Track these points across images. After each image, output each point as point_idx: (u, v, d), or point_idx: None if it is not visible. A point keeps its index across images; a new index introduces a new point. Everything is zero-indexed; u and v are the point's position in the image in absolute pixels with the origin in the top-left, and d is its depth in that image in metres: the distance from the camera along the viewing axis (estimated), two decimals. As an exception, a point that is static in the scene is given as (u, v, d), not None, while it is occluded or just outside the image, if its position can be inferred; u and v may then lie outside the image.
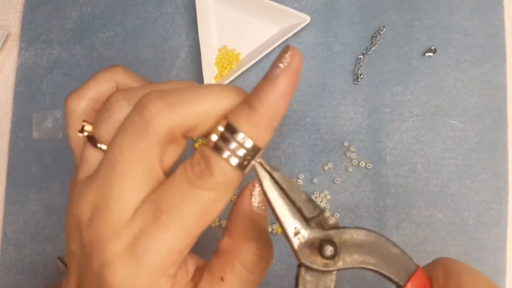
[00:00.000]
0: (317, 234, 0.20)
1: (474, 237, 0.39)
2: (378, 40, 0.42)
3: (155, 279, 0.20)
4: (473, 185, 0.40)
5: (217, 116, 0.20)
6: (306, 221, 0.20)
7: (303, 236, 0.20)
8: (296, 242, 0.20)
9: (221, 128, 0.20)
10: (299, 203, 0.20)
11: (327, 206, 0.40)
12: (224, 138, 0.19)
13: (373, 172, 0.40)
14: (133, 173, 0.20)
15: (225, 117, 0.20)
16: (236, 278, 0.21)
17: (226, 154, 0.19)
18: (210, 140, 0.20)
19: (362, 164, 0.40)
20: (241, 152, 0.19)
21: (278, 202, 0.20)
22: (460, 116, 0.41)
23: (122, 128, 0.20)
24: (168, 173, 0.21)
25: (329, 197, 0.40)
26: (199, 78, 0.42)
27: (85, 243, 0.20)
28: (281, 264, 0.40)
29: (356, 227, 0.21)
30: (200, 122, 0.20)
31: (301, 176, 0.41)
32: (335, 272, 0.20)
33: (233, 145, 0.19)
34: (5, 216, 0.43)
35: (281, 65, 0.20)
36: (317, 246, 0.20)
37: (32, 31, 0.46)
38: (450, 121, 0.41)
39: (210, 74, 0.42)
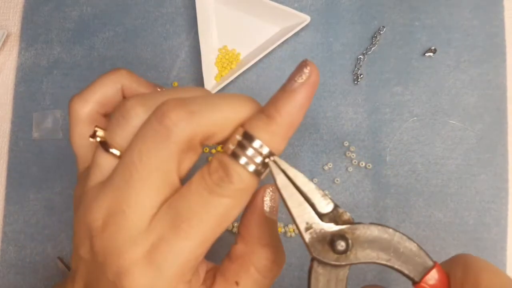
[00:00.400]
0: (329, 229, 0.21)
1: (474, 237, 0.39)
2: (378, 40, 0.42)
3: (173, 286, 0.20)
4: (473, 185, 0.40)
5: (233, 125, 0.21)
6: (320, 216, 0.21)
7: (314, 231, 0.21)
8: (307, 237, 0.21)
9: (238, 137, 0.20)
10: (313, 199, 0.21)
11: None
12: (242, 146, 0.20)
13: (373, 172, 0.40)
14: (151, 180, 0.20)
15: (242, 125, 0.21)
16: (250, 283, 0.22)
17: (243, 160, 0.20)
18: (228, 147, 0.20)
19: (362, 164, 0.40)
20: (258, 159, 0.20)
21: (291, 198, 0.21)
22: (460, 116, 0.41)
23: (141, 135, 0.20)
24: (183, 180, 0.22)
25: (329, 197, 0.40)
26: (199, 78, 0.42)
27: (98, 250, 0.20)
28: (281, 264, 0.40)
29: (371, 223, 0.21)
30: (218, 130, 0.20)
31: (301, 176, 0.41)
32: (348, 267, 0.21)
33: (250, 152, 0.20)
34: (5, 216, 0.43)
35: (299, 79, 0.21)
36: (328, 241, 0.21)
37: (32, 31, 0.46)
38: (450, 121, 0.41)
39: (210, 74, 0.42)
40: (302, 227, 0.21)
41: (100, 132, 0.22)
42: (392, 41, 0.42)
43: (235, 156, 0.20)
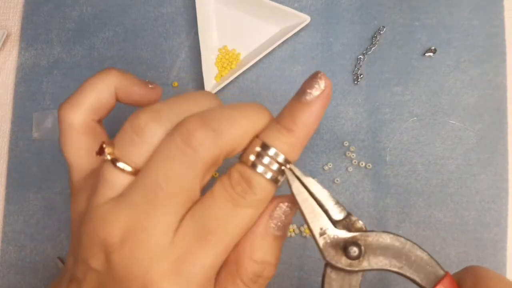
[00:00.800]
0: (342, 235, 0.21)
1: (474, 237, 0.39)
2: (378, 40, 0.42)
3: None
4: (473, 185, 0.40)
5: (251, 136, 0.21)
6: (333, 223, 0.22)
7: (328, 236, 0.21)
8: (321, 242, 0.21)
9: (258, 148, 0.21)
10: (327, 206, 0.22)
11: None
12: (261, 156, 0.21)
13: (373, 172, 0.40)
14: (176, 199, 0.20)
15: (257, 136, 0.21)
16: None
17: (262, 169, 0.21)
18: (248, 159, 0.21)
19: (362, 164, 0.40)
20: (275, 166, 0.21)
21: (306, 204, 0.22)
22: (460, 116, 0.41)
23: (165, 155, 0.20)
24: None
25: (329, 197, 0.40)
26: (199, 78, 0.42)
27: (117, 265, 0.20)
28: (281, 264, 0.40)
29: (383, 231, 0.22)
30: (238, 144, 0.21)
31: (301, 176, 0.41)
32: (361, 273, 0.21)
33: (268, 161, 0.21)
34: (5, 216, 0.43)
35: (314, 91, 0.21)
36: (342, 247, 0.21)
37: (32, 31, 0.46)
38: (450, 121, 0.41)
39: (210, 74, 0.42)
40: (316, 232, 0.21)
41: (109, 149, 0.21)
42: (392, 41, 0.42)
43: (254, 166, 0.21)
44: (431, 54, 0.41)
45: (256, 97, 0.42)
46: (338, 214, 0.22)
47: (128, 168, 0.21)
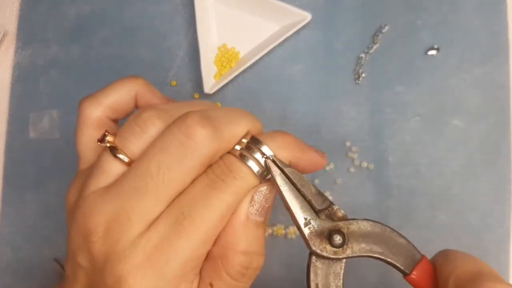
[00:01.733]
0: (326, 224, 0.22)
1: (477, 238, 0.39)
2: (380, 39, 0.41)
3: (176, 286, 0.20)
4: (476, 186, 0.39)
5: (242, 136, 0.22)
6: (316, 213, 0.22)
7: (313, 226, 0.22)
8: (306, 231, 0.22)
9: (245, 140, 0.22)
10: (309, 196, 0.22)
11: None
12: (248, 148, 0.21)
13: (375, 173, 0.40)
14: (165, 191, 0.20)
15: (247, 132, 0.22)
16: (223, 285, 0.21)
17: (248, 161, 0.21)
18: (235, 149, 0.21)
19: (364, 164, 0.40)
20: (260, 158, 0.21)
21: (290, 195, 0.22)
22: (463, 116, 0.40)
23: (162, 145, 0.20)
24: None
25: (330, 197, 0.40)
26: (198, 77, 0.41)
27: (98, 256, 0.20)
28: (281, 266, 0.39)
29: (363, 219, 0.22)
30: (235, 143, 0.22)
31: (301, 176, 0.40)
32: (344, 260, 0.22)
33: (255, 154, 0.21)
34: (1, 217, 0.43)
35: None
36: (326, 235, 0.22)
37: (29, 30, 0.46)
38: (453, 121, 0.40)
39: (209, 73, 0.41)
40: (301, 222, 0.22)
41: (110, 138, 0.22)
42: (394, 39, 0.41)
43: (241, 156, 0.21)
44: (433, 52, 0.41)
45: (256, 96, 0.42)
46: (320, 204, 0.22)
47: (125, 158, 0.21)
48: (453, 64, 0.41)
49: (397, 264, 0.22)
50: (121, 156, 0.21)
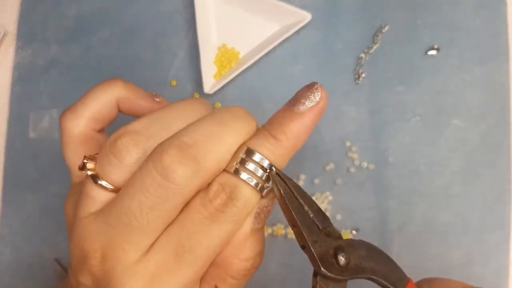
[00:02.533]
0: (330, 243, 0.21)
1: (477, 239, 0.39)
2: (380, 39, 0.41)
3: None
4: (476, 187, 0.39)
5: (235, 150, 0.20)
6: (320, 230, 0.21)
7: (319, 245, 0.21)
8: (315, 251, 0.21)
9: (242, 154, 0.20)
10: (312, 213, 0.21)
11: (329, 207, 0.40)
12: (244, 162, 0.20)
13: (375, 173, 0.40)
14: (152, 227, 0.20)
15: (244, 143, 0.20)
16: (228, 287, 0.22)
17: (246, 177, 0.20)
18: (231, 166, 0.20)
19: (364, 164, 0.40)
20: (260, 173, 0.20)
21: (296, 212, 0.21)
22: (463, 116, 0.40)
23: (141, 184, 0.19)
24: None
25: (330, 198, 0.40)
26: (198, 77, 0.41)
27: (99, 277, 0.20)
28: (282, 267, 0.39)
29: (359, 240, 0.22)
30: (224, 163, 0.20)
31: (302, 176, 0.40)
32: (346, 282, 0.21)
33: (252, 167, 0.20)
34: (1, 218, 0.43)
35: (308, 102, 0.21)
36: (332, 255, 0.21)
37: (29, 30, 0.46)
38: (453, 121, 0.40)
39: (209, 73, 0.41)
40: (309, 241, 0.21)
41: (90, 165, 0.21)
42: (395, 39, 0.41)
43: (238, 173, 0.20)
44: (434, 52, 0.41)
45: (256, 96, 0.42)
46: (322, 222, 0.21)
47: (109, 186, 0.20)
48: (453, 64, 0.41)
49: (391, 287, 0.22)
50: (103, 183, 0.20)
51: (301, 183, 0.40)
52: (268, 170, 0.20)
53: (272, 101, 0.41)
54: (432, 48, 0.41)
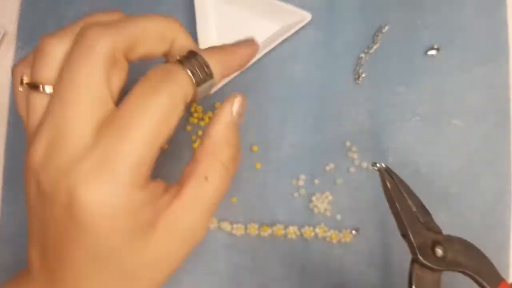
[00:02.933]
0: (430, 236, 0.24)
1: (477, 239, 0.38)
2: (380, 39, 0.41)
3: (128, 191, 0.20)
4: (476, 187, 0.39)
5: (155, 35, 0.24)
6: (421, 223, 0.25)
7: (419, 236, 0.24)
8: (415, 240, 0.24)
9: (184, 53, 0.24)
10: (414, 207, 0.25)
11: (329, 207, 0.40)
12: (186, 57, 0.23)
13: (375, 173, 0.40)
14: (84, 97, 0.21)
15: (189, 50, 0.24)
16: (217, 176, 0.24)
17: (186, 68, 0.23)
18: (174, 58, 0.24)
19: (364, 164, 0.40)
20: (201, 70, 0.23)
21: (400, 204, 0.25)
22: (463, 116, 0.40)
23: (67, 62, 0.21)
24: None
25: (330, 198, 0.40)
26: (198, 77, 0.41)
27: (45, 185, 0.21)
28: (282, 267, 0.39)
29: (459, 237, 0.25)
30: (138, 40, 0.23)
31: (302, 176, 0.40)
32: (440, 272, 0.24)
33: (193, 63, 0.23)
34: (1, 218, 0.43)
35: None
36: (430, 247, 0.24)
37: (29, 30, 0.46)
38: (453, 121, 0.40)
39: (209, 73, 0.41)
40: (410, 231, 0.24)
41: (26, 78, 0.23)
42: (395, 39, 0.41)
43: (179, 63, 0.23)
44: (433, 52, 0.41)
45: (256, 96, 0.42)
46: (423, 216, 0.25)
47: (47, 88, 0.22)
48: (453, 64, 0.41)
49: (484, 284, 0.24)
50: (41, 88, 0.22)
51: (301, 183, 0.40)
52: (207, 69, 0.24)
53: (272, 101, 0.41)
54: (432, 48, 0.41)
